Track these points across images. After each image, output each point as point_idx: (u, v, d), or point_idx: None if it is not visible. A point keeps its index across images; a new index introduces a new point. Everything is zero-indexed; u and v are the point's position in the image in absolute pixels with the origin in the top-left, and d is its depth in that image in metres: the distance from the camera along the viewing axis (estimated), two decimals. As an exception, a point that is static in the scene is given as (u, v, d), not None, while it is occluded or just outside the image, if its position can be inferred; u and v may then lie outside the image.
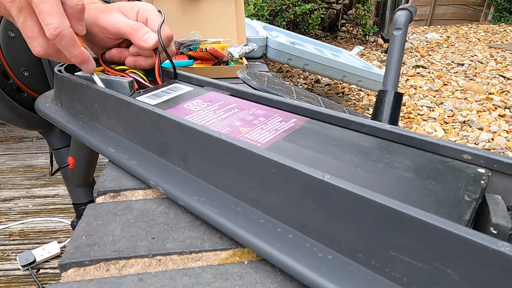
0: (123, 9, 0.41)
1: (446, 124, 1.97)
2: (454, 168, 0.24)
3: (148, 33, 0.38)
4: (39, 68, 0.71)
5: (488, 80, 2.49)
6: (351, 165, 0.25)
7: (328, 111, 0.32)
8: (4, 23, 0.64)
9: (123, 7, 0.41)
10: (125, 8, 0.41)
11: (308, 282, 0.20)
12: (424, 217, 0.18)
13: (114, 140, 0.35)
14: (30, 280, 1.12)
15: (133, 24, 0.39)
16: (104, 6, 0.41)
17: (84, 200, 0.82)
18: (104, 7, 0.41)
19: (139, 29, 0.38)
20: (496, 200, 0.21)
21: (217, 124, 0.31)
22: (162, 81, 0.41)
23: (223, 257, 0.24)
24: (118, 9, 0.41)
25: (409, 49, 3.42)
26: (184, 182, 0.29)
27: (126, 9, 0.41)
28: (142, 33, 0.38)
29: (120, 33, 0.39)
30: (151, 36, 0.38)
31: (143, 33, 0.38)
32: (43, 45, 0.32)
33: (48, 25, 0.30)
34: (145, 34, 0.38)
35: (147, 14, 0.41)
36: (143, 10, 0.41)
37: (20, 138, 2.07)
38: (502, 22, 4.54)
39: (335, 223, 0.21)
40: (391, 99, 0.53)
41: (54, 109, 0.42)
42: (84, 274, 0.23)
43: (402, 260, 0.19)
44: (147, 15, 0.41)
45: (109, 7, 0.41)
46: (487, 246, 0.16)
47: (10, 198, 1.54)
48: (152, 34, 0.38)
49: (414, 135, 0.27)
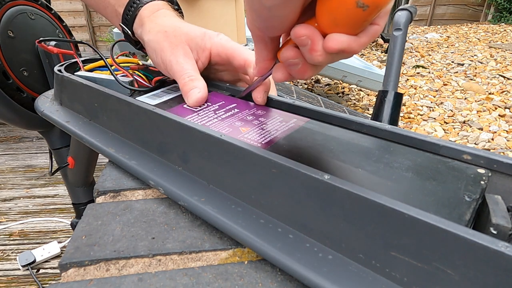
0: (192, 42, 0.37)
1: (446, 124, 1.97)
2: (454, 169, 0.24)
3: (193, 90, 0.34)
4: (39, 68, 0.71)
5: (488, 80, 2.49)
6: (351, 165, 0.25)
7: (328, 111, 0.32)
8: (4, 22, 0.64)
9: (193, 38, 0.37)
10: (195, 40, 0.37)
11: (308, 282, 0.20)
12: (424, 217, 0.18)
13: (114, 140, 0.35)
14: (30, 280, 1.13)
15: (188, 77, 0.35)
16: (173, 34, 0.36)
17: (84, 200, 0.82)
18: (173, 36, 0.36)
19: (187, 83, 0.35)
20: (496, 200, 0.21)
21: (217, 124, 0.31)
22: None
23: (223, 257, 0.24)
24: (186, 42, 0.36)
25: (409, 49, 3.42)
26: (184, 182, 0.29)
27: (196, 41, 0.37)
28: (186, 90, 0.34)
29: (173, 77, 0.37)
30: (192, 95, 0.34)
31: (187, 90, 0.34)
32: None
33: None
34: (190, 90, 0.34)
35: (223, 47, 0.37)
36: (216, 44, 0.37)
37: (20, 138, 2.07)
38: (502, 22, 4.54)
39: (336, 223, 0.21)
40: (391, 100, 0.53)
41: (54, 109, 0.42)
42: (84, 274, 0.23)
43: (402, 260, 0.19)
44: (225, 48, 0.37)
45: (178, 39, 0.36)
46: (487, 246, 0.16)
47: (10, 198, 1.54)
48: (196, 92, 0.34)
49: (414, 135, 0.27)
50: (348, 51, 0.21)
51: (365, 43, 0.22)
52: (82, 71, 0.42)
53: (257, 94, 0.34)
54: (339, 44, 0.21)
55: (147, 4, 0.39)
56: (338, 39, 0.21)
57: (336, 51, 0.21)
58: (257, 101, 0.35)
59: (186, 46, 0.36)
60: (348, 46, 0.21)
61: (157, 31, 0.37)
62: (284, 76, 0.26)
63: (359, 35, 0.21)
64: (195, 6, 0.81)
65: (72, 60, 0.46)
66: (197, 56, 0.37)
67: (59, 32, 0.78)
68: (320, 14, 0.21)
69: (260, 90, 0.34)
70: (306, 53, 0.23)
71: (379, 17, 0.21)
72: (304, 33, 0.22)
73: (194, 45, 0.37)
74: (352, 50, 0.21)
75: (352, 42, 0.21)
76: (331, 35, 0.21)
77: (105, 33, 3.96)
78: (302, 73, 0.25)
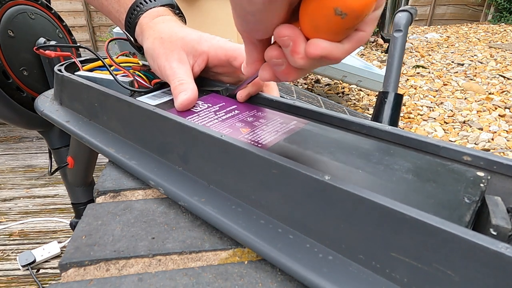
0: (187, 46, 0.37)
1: (446, 124, 1.97)
2: (454, 171, 0.24)
3: (180, 94, 0.34)
4: (39, 68, 0.71)
5: (488, 80, 2.49)
6: (352, 167, 0.25)
7: (329, 111, 0.32)
8: (4, 22, 0.64)
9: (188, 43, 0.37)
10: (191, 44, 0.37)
11: (308, 283, 0.20)
12: (425, 218, 0.18)
13: (114, 140, 0.35)
14: (30, 280, 1.12)
15: (178, 81, 0.35)
16: (169, 40, 0.36)
17: (83, 199, 0.82)
18: (169, 41, 0.36)
19: (176, 87, 0.34)
20: (496, 201, 0.21)
21: (218, 125, 0.31)
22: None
23: (223, 257, 0.24)
24: (182, 47, 0.36)
25: (409, 49, 3.42)
26: (184, 182, 0.29)
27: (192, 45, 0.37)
28: (175, 93, 0.34)
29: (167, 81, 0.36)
30: (178, 98, 0.34)
31: (176, 94, 0.34)
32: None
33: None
34: (178, 94, 0.34)
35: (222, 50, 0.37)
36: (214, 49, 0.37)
37: (20, 138, 2.07)
38: (502, 22, 4.54)
39: (336, 224, 0.21)
40: (392, 101, 0.53)
41: (53, 109, 0.42)
42: (84, 274, 0.23)
43: (403, 261, 0.19)
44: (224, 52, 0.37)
45: (173, 44, 0.36)
46: (487, 247, 0.16)
47: (10, 198, 1.54)
48: (182, 95, 0.34)
49: (414, 137, 0.27)
50: (330, 57, 0.21)
51: (348, 50, 0.21)
52: (82, 71, 0.42)
53: (241, 92, 0.36)
54: (320, 50, 0.20)
55: (147, 12, 0.39)
56: (320, 45, 0.20)
57: (317, 57, 0.20)
58: (238, 97, 0.36)
59: (181, 52, 0.36)
60: (329, 53, 0.20)
61: (154, 38, 0.37)
62: (269, 75, 0.26)
63: (342, 42, 0.20)
64: (195, 6, 0.81)
65: (72, 60, 0.46)
66: (193, 60, 0.37)
67: (59, 32, 0.78)
68: (302, 19, 0.20)
69: (245, 90, 0.35)
70: (288, 55, 0.22)
71: (365, 23, 0.20)
72: (286, 34, 0.21)
73: (190, 49, 0.37)
74: (334, 57, 0.21)
75: (334, 49, 0.20)
76: (313, 40, 0.20)
77: (105, 33, 3.95)
78: (285, 74, 0.24)
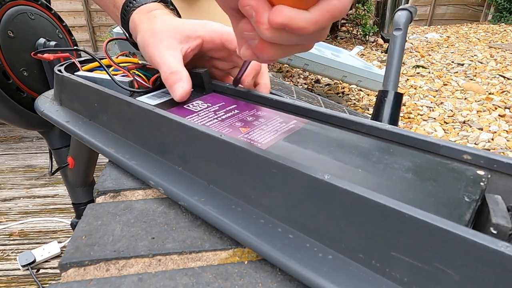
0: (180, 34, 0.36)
1: (446, 124, 1.97)
2: (454, 170, 0.24)
3: (177, 84, 0.34)
4: (39, 68, 0.71)
5: (488, 80, 2.49)
6: (352, 166, 0.25)
7: (328, 111, 0.32)
8: (4, 22, 0.64)
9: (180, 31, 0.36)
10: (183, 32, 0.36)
11: (308, 282, 0.20)
12: (425, 217, 0.18)
13: (114, 140, 0.35)
14: (30, 280, 1.12)
15: (169, 69, 0.34)
16: (159, 30, 0.36)
17: (84, 200, 0.82)
18: (159, 31, 0.36)
19: (169, 77, 0.34)
20: (496, 200, 0.21)
21: (217, 124, 0.31)
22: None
23: (223, 257, 0.24)
24: (173, 35, 0.36)
25: (409, 49, 3.42)
26: (184, 182, 0.29)
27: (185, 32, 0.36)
28: (170, 84, 0.34)
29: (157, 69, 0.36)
30: (177, 90, 0.34)
31: (171, 84, 0.34)
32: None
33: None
34: (174, 84, 0.34)
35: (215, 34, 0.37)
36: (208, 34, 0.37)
37: (20, 138, 2.07)
38: (502, 22, 4.54)
39: (336, 223, 0.21)
40: (391, 99, 0.53)
41: (54, 109, 0.42)
42: (84, 274, 0.23)
43: (403, 260, 0.19)
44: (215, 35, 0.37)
45: (164, 33, 0.36)
46: (487, 246, 0.16)
47: (10, 198, 1.54)
48: (180, 87, 0.34)
49: (414, 135, 0.27)
50: (294, 27, 0.18)
51: (317, 21, 0.19)
52: (82, 71, 0.42)
53: (244, 78, 0.36)
54: (282, 17, 0.18)
55: (139, 8, 0.39)
56: (282, 12, 0.18)
57: (279, 25, 0.18)
58: (244, 84, 0.36)
59: (171, 39, 0.36)
60: (292, 20, 0.18)
61: (145, 30, 0.37)
62: (248, 52, 0.24)
63: (310, 10, 0.18)
64: (194, 6, 0.81)
65: (71, 60, 0.46)
66: (187, 45, 0.37)
67: (59, 32, 0.78)
68: None
69: (249, 75, 0.36)
70: (255, 26, 0.20)
71: None
72: (248, 3, 0.19)
73: (183, 36, 0.37)
74: (299, 25, 0.18)
75: (298, 17, 0.18)
76: (276, 7, 0.18)
77: (105, 33, 3.95)
78: (261, 50, 0.22)
